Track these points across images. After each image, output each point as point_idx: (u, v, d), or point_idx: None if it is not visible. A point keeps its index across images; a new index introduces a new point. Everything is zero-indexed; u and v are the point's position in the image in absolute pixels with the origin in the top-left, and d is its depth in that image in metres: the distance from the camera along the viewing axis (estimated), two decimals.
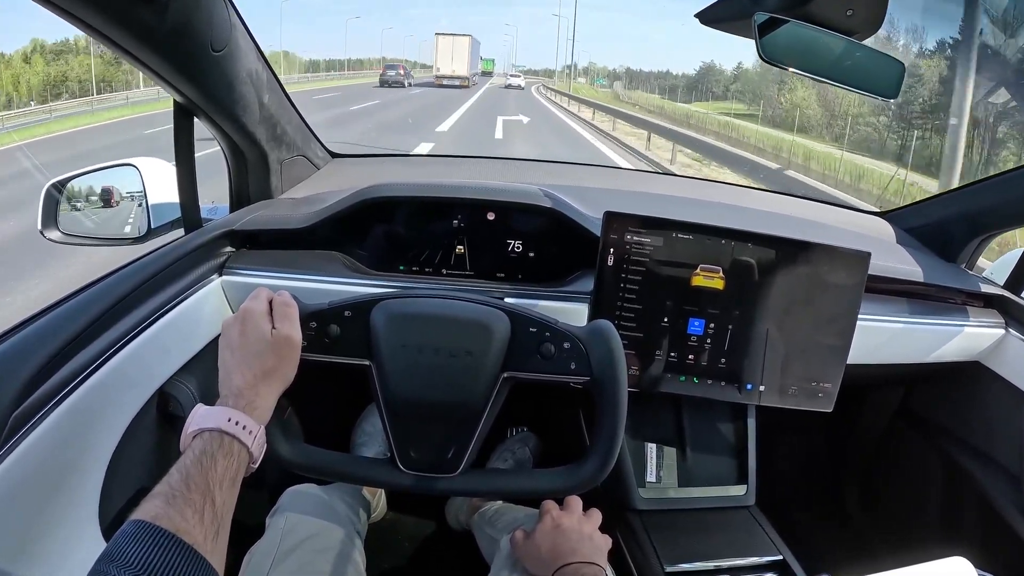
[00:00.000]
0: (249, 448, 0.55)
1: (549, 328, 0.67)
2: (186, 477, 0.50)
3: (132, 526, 0.45)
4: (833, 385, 0.90)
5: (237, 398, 0.58)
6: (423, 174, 1.37)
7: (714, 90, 35.37)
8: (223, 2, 0.81)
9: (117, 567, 0.42)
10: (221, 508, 0.50)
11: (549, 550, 0.73)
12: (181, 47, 0.77)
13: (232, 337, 0.62)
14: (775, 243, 0.86)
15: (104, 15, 0.67)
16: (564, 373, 0.66)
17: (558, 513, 0.78)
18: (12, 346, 0.66)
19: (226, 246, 0.96)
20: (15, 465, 0.61)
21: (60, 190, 0.97)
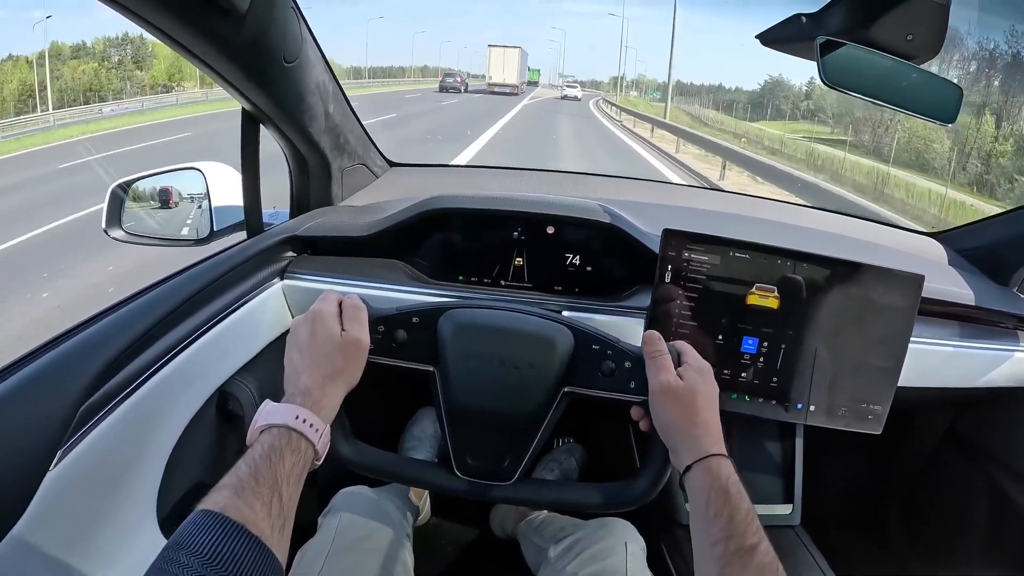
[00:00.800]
0: (315, 446, 0.56)
1: (611, 346, 0.68)
2: (254, 471, 0.51)
3: (201, 515, 0.46)
4: (883, 407, 0.90)
5: (305, 396, 0.59)
6: (481, 185, 1.39)
7: (781, 107, 31.88)
8: (296, 16, 0.83)
9: (187, 554, 0.43)
10: (287, 503, 0.51)
11: (691, 407, 0.62)
12: (256, 58, 0.80)
13: (301, 337, 0.63)
14: (830, 264, 0.87)
15: (183, 26, 0.69)
16: (623, 392, 0.67)
17: (694, 352, 0.67)
18: (83, 340, 0.68)
19: (288, 251, 0.98)
20: (81, 457, 0.63)
21: (125, 191, 1.00)
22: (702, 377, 0.64)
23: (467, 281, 1.00)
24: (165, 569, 0.43)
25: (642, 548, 0.86)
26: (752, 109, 33.42)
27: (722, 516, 0.54)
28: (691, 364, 0.65)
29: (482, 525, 1.20)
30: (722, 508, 0.55)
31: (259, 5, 0.73)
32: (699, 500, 0.57)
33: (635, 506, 0.70)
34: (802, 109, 30.43)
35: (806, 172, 11.13)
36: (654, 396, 0.63)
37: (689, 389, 0.62)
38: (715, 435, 0.61)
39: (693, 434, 0.60)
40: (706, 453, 0.59)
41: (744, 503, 0.56)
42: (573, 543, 0.86)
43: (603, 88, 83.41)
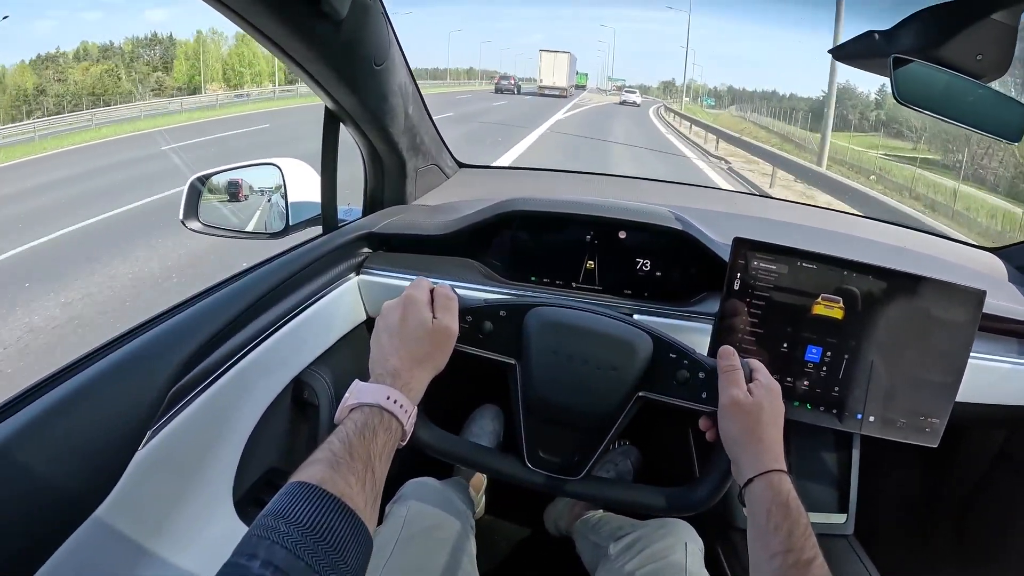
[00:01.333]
0: (404, 426, 0.58)
1: (688, 356, 0.70)
2: (349, 446, 0.52)
3: (298, 487, 0.47)
4: (941, 421, 0.91)
5: (394, 378, 0.60)
6: (550, 189, 1.41)
7: (849, 117, 29.08)
8: (385, 20, 0.86)
9: (287, 524, 0.44)
10: (379, 479, 0.52)
11: (756, 423, 0.63)
12: (348, 60, 0.83)
13: (392, 321, 0.65)
14: (893, 276, 0.88)
15: (284, 28, 0.72)
16: (694, 401, 0.69)
17: (766, 371, 0.69)
18: (173, 326, 0.71)
19: (363, 247, 1.01)
20: (167, 438, 0.66)
21: (203, 183, 1.04)
22: (770, 396, 0.66)
23: (539, 282, 1.02)
24: (264, 536, 0.43)
25: (701, 549, 0.87)
26: (813, 118, 30.49)
27: (782, 529, 0.56)
28: (761, 382, 0.67)
29: (535, 522, 1.21)
30: (782, 521, 0.57)
31: (356, 10, 0.76)
32: (759, 512, 0.59)
33: (695, 512, 0.72)
34: (871, 120, 28.00)
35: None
36: (723, 409, 0.65)
37: (756, 405, 0.64)
38: (777, 452, 0.63)
39: (756, 449, 0.62)
40: (768, 468, 0.61)
41: (803, 518, 0.57)
42: (633, 541, 0.88)
43: (652, 93, 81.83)
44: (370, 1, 0.79)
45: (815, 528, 0.57)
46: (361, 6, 0.77)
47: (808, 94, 42.35)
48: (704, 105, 45.63)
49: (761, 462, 0.61)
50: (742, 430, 0.64)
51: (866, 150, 17.67)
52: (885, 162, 15.85)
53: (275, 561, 0.41)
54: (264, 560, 0.41)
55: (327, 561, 0.43)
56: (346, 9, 0.73)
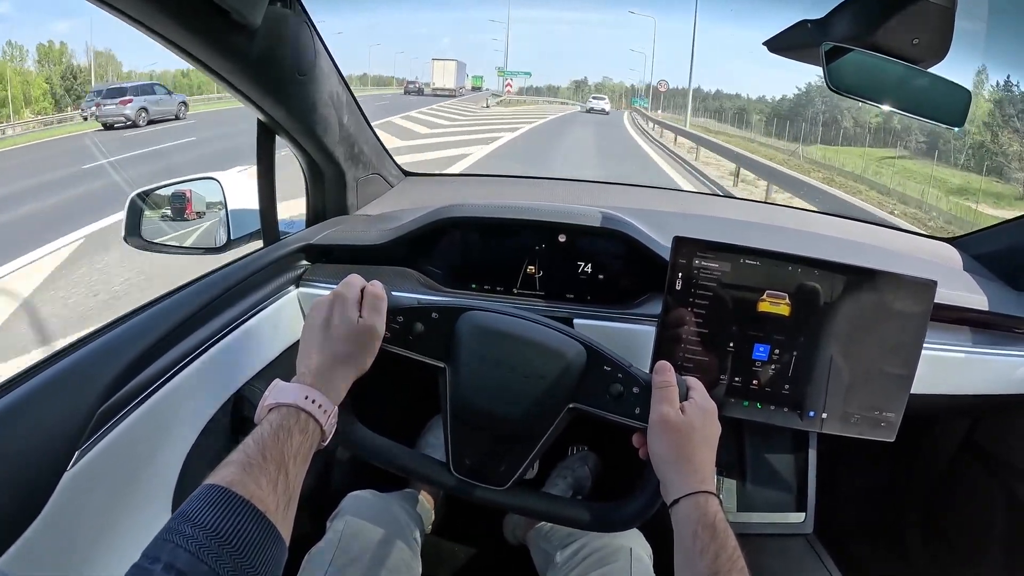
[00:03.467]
0: (323, 426, 0.57)
1: (623, 370, 0.69)
2: (262, 448, 0.51)
3: (208, 490, 0.47)
4: (896, 415, 0.89)
5: (315, 377, 0.59)
6: (494, 194, 1.41)
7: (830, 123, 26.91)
8: (308, 29, 0.85)
9: (192, 526, 0.43)
10: (293, 481, 0.51)
11: (687, 443, 0.62)
12: (269, 70, 0.82)
13: (318, 318, 0.64)
14: (841, 270, 0.86)
15: (197, 39, 0.71)
16: (627, 416, 0.67)
17: (702, 390, 0.67)
18: (102, 345, 0.69)
19: (303, 259, 1.00)
20: (98, 457, 0.64)
21: (144, 199, 1.03)
22: (703, 416, 0.64)
23: (479, 289, 1.01)
24: (168, 539, 0.43)
25: (649, 555, 0.86)
26: (779, 123, 28.88)
27: (708, 552, 0.55)
28: (696, 401, 0.65)
29: (494, 532, 1.19)
30: (709, 543, 0.55)
31: (272, 19, 0.75)
32: (685, 534, 0.57)
33: (621, 530, 0.71)
34: (872, 127, 24.24)
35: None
36: (652, 426, 0.64)
37: (687, 424, 0.63)
38: (706, 474, 0.61)
39: (683, 469, 0.61)
40: (695, 489, 0.59)
41: (731, 541, 0.56)
42: (578, 549, 0.86)
43: (562, 94, 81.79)
44: (288, 10, 0.78)
45: (772, 528, 0.55)
46: (278, 15, 0.76)
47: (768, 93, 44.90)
48: (640, 107, 46.28)
49: (688, 483, 0.60)
50: (670, 449, 0.62)
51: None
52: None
53: (177, 564, 0.41)
54: (166, 563, 0.41)
55: (232, 565, 0.43)
56: (259, 18, 0.72)
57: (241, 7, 0.68)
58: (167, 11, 0.65)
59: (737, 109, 45.60)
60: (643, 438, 0.66)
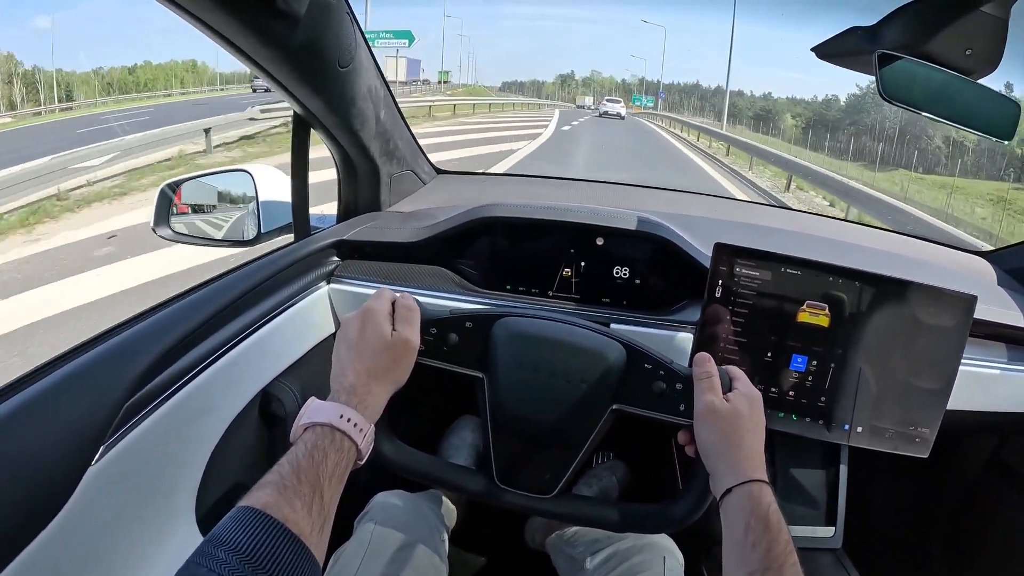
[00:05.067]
0: (359, 446, 0.56)
1: (664, 367, 0.67)
2: (297, 469, 0.50)
3: (242, 512, 0.46)
4: (931, 430, 0.88)
5: (349, 394, 0.58)
6: (531, 195, 1.39)
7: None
8: (349, 20, 0.84)
9: (225, 551, 0.43)
10: (328, 502, 0.51)
11: (734, 431, 0.60)
12: (310, 62, 0.81)
13: (351, 334, 0.63)
14: (881, 282, 0.85)
15: (240, 28, 0.70)
16: (671, 413, 0.66)
17: (745, 379, 0.66)
18: (130, 337, 0.68)
19: (335, 255, 0.98)
20: (123, 453, 0.63)
21: (174, 190, 1.02)
22: (749, 403, 0.63)
23: (514, 290, 0.99)
24: (201, 563, 0.42)
25: (680, 564, 0.85)
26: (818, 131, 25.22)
27: (761, 545, 0.53)
28: (740, 390, 0.64)
29: (516, 535, 1.19)
30: (761, 536, 0.53)
31: (315, 9, 0.73)
32: (737, 526, 0.55)
33: (674, 530, 0.70)
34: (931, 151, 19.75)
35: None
36: (698, 417, 0.63)
37: (734, 411, 0.61)
38: (757, 462, 0.59)
39: (734, 457, 0.59)
40: (746, 478, 0.57)
41: (784, 534, 0.54)
42: (610, 556, 0.85)
43: (547, 90, 77.30)
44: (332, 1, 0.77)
45: (801, 543, 0.54)
46: (321, 5, 0.75)
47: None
48: (644, 106, 44.09)
49: (739, 472, 0.58)
50: (719, 438, 0.61)
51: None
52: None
53: None
54: None
55: None
56: (304, 7, 0.70)
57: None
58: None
59: (760, 112, 42.36)
60: (689, 435, 0.65)
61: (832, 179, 9.69)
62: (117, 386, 0.63)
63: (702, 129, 18.90)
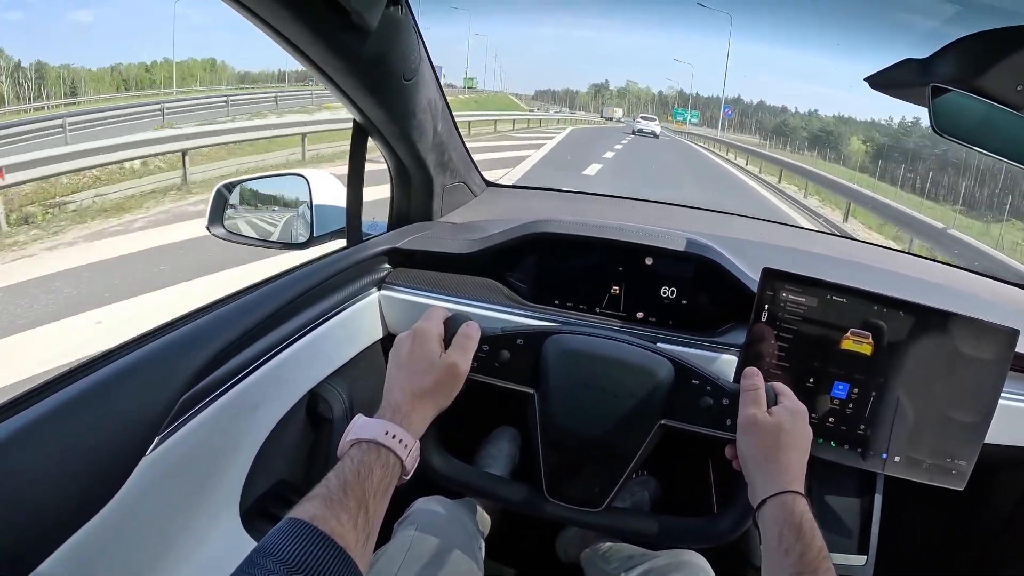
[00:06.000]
0: (404, 461, 0.57)
1: (711, 382, 0.69)
2: (344, 483, 0.52)
3: (290, 524, 0.47)
4: (968, 463, 0.88)
5: (394, 412, 0.60)
6: (581, 211, 1.39)
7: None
8: (416, 35, 0.86)
9: (274, 561, 0.44)
10: (373, 516, 0.52)
11: (774, 444, 0.62)
12: (377, 74, 0.83)
13: (401, 353, 0.65)
14: (924, 312, 0.85)
15: (313, 39, 0.72)
16: (718, 428, 0.68)
17: (791, 394, 0.68)
18: (191, 331, 0.71)
19: (386, 262, 1.01)
20: (176, 445, 0.65)
21: (229, 191, 1.05)
22: (793, 418, 0.64)
23: (562, 305, 1.01)
24: (250, 573, 0.44)
25: None
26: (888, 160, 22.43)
27: (794, 551, 0.54)
28: (785, 404, 0.65)
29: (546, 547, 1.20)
30: (794, 544, 0.55)
31: (387, 24, 0.76)
32: (771, 535, 0.57)
33: (718, 543, 0.71)
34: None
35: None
36: (740, 429, 0.64)
37: (775, 425, 0.63)
38: (794, 474, 0.61)
39: (771, 470, 0.61)
40: (782, 489, 0.59)
41: (817, 541, 0.55)
42: (644, 572, 0.86)
43: (580, 100, 74.09)
44: (401, 15, 0.79)
45: (836, 569, 0.55)
46: (392, 20, 0.77)
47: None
48: (690, 122, 41.93)
49: (775, 483, 0.60)
50: (758, 450, 0.62)
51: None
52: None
53: None
54: None
55: None
56: (376, 22, 0.73)
57: (362, 8, 0.69)
58: (290, 8, 0.66)
59: (819, 133, 38.56)
60: (734, 449, 0.66)
61: (908, 216, 9.12)
62: (176, 379, 0.65)
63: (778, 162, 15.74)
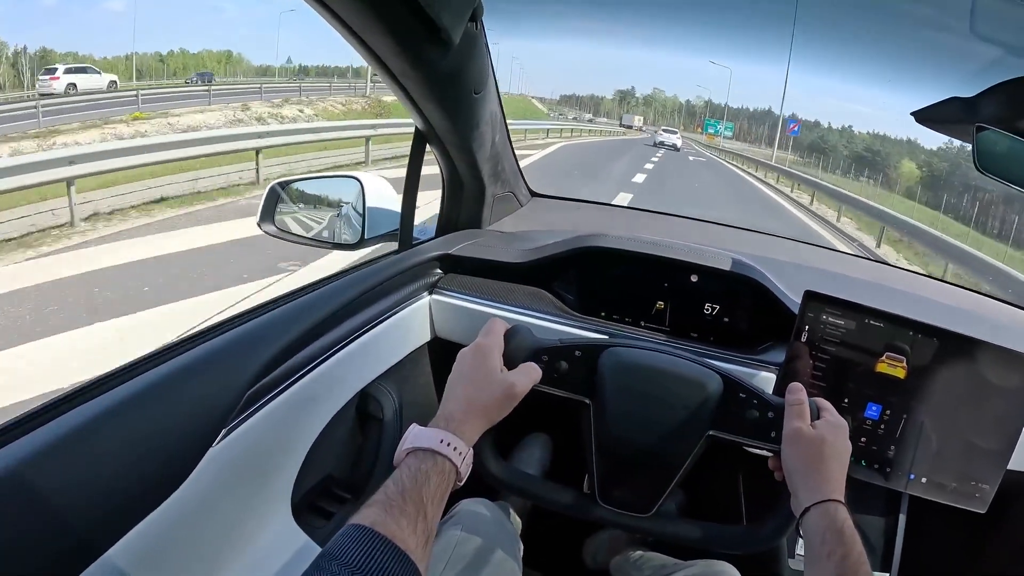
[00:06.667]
0: (458, 468, 0.59)
1: (757, 396, 0.72)
2: (402, 490, 0.54)
3: (353, 529, 0.49)
4: (991, 487, 0.91)
5: (448, 421, 0.62)
6: (629, 226, 1.42)
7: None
8: (486, 51, 0.89)
9: (339, 565, 0.46)
10: (431, 521, 0.54)
11: (818, 456, 0.65)
12: (452, 86, 0.86)
13: (464, 366, 0.67)
14: (957, 340, 0.89)
15: (394, 48, 0.75)
16: (764, 440, 0.71)
17: (833, 409, 0.71)
18: (257, 327, 0.73)
19: (438, 268, 1.04)
20: (239, 438, 0.68)
21: (283, 189, 1.07)
22: (834, 431, 0.67)
23: (608, 318, 1.04)
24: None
25: None
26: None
27: (835, 556, 0.57)
28: (828, 419, 0.69)
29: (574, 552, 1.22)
30: (836, 548, 0.58)
31: (466, 40, 0.79)
32: (814, 540, 0.60)
33: (761, 549, 0.74)
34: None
35: None
36: (785, 441, 0.67)
37: (818, 438, 0.66)
38: (835, 484, 0.64)
39: (813, 480, 0.64)
40: (825, 498, 0.62)
41: (857, 546, 0.58)
42: None
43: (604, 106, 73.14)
44: (476, 31, 0.82)
45: None
46: (470, 36, 0.80)
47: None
48: (721, 136, 41.55)
49: (817, 492, 0.63)
50: (802, 462, 0.65)
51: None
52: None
53: None
54: None
55: None
56: (459, 38, 0.75)
57: (449, 25, 0.72)
58: (382, 20, 0.69)
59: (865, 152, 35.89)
60: (778, 460, 0.70)
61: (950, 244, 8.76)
62: (243, 374, 0.67)
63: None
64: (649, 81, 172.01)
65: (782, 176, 17.95)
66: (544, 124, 25.04)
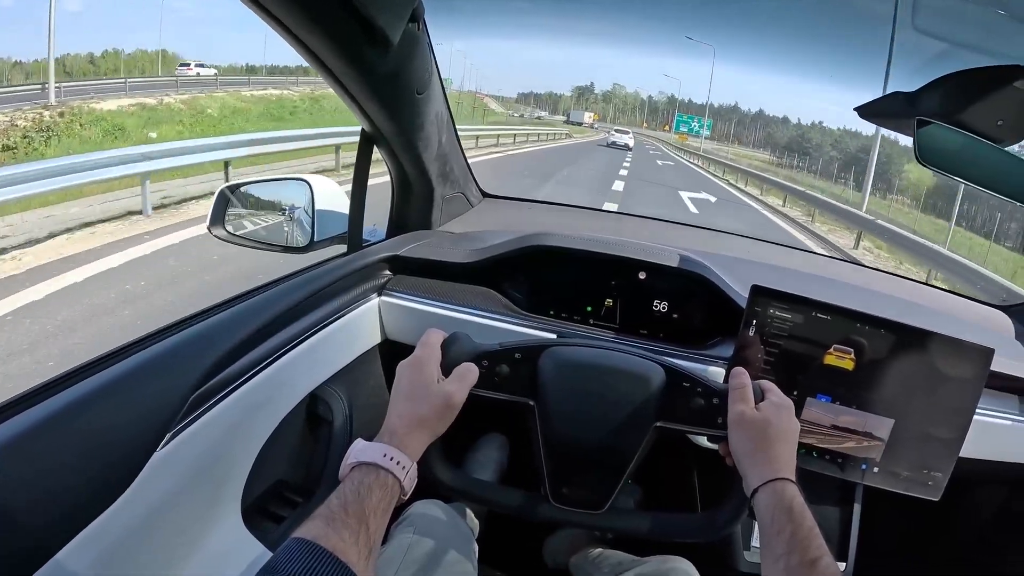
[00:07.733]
0: (402, 482, 0.60)
1: (700, 383, 0.72)
2: (344, 503, 0.54)
3: (295, 543, 0.49)
4: (943, 475, 0.92)
5: (391, 436, 0.62)
6: (578, 225, 1.42)
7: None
8: (429, 51, 0.88)
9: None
10: (374, 534, 0.54)
11: (763, 437, 0.66)
12: (394, 86, 0.85)
13: (402, 381, 0.67)
14: (904, 331, 0.89)
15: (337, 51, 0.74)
16: (711, 426, 0.71)
17: (777, 390, 0.71)
18: (201, 330, 0.72)
19: (387, 269, 1.03)
20: (185, 442, 0.66)
21: (232, 192, 1.06)
22: (778, 411, 0.68)
23: (557, 316, 1.03)
24: None
25: None
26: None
27: (785, 532, 0.58)
28: (772, 400, 0.69)
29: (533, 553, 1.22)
30: (785, 524, 0.58)
31: (406, 41, 0.78)
32: (765, 519, 0.60)
33: (717, 536, 0.74)
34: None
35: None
36: (731, 425, 0.68)
37: (763, 419, 0.66)
38: (783, 463, 0.64)
39: (761, 460, 0.64)
40: (771, 477, 0.62)
41: (807, 520, 0.58)
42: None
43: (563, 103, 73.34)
44: (419, 32, 0.82)
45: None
46: (411, 36, 0.79)
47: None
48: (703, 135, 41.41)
49: (766, 472, 0.63)
50: (749, 444, 0.66)
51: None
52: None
53: None
54: None
55: None
56: (398, 39, 0.75)
57: (387, 26, 0.71)
58: (319, 22, 0.68)
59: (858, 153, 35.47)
60: (727, 446, 0.70)
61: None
62: (188, 376, 0.66)
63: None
64: (609, 77, 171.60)
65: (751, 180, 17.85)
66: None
